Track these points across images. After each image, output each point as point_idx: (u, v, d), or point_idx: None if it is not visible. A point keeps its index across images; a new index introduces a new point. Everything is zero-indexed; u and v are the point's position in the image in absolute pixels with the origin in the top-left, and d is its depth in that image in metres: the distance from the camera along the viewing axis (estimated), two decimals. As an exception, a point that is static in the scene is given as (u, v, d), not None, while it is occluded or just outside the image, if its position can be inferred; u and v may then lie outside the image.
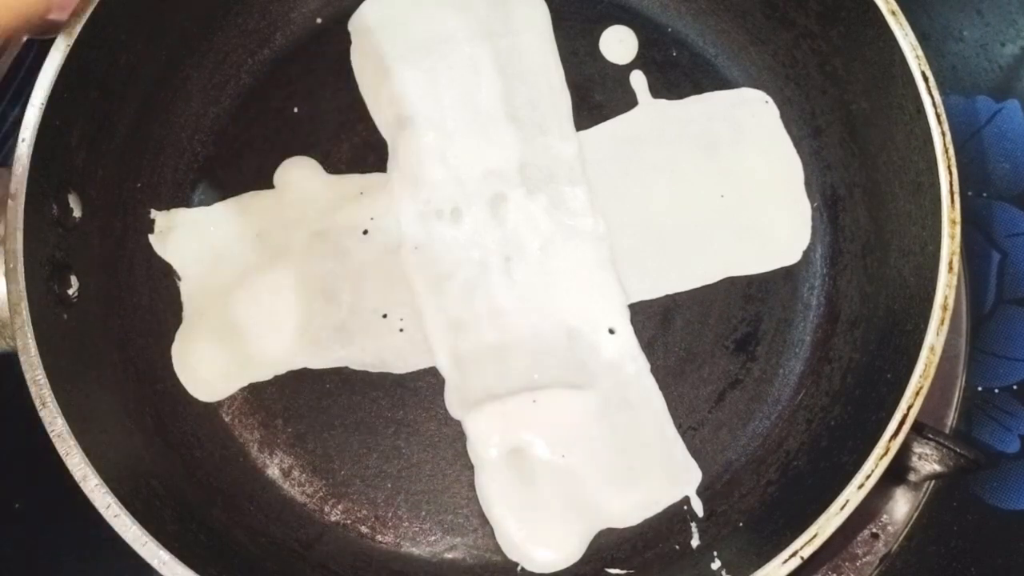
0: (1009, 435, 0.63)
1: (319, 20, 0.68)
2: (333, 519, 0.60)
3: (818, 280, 0.62)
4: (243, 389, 0.61)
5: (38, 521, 0.64)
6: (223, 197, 0.64)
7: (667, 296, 0.62)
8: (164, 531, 0.51)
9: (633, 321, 0.61)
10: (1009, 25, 0.71)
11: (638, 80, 0.66)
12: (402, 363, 0.61)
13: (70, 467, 0.51)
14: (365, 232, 0.63)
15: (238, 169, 0.65)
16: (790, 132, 0.64)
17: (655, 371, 0.60)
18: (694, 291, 0.62)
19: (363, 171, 0.65)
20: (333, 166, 0.65)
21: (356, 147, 0.65)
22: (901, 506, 0.61)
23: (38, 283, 0.54)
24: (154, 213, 0.64)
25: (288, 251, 0.63)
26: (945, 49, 0.70)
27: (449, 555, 0.59)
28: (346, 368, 0.61)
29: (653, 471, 0.59)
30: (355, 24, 0.67)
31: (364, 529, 0.59)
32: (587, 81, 0.66)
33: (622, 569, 0.58)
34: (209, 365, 0.62)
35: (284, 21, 0.68)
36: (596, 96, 0.65)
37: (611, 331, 0.61)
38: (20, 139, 0.54)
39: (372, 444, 0.60)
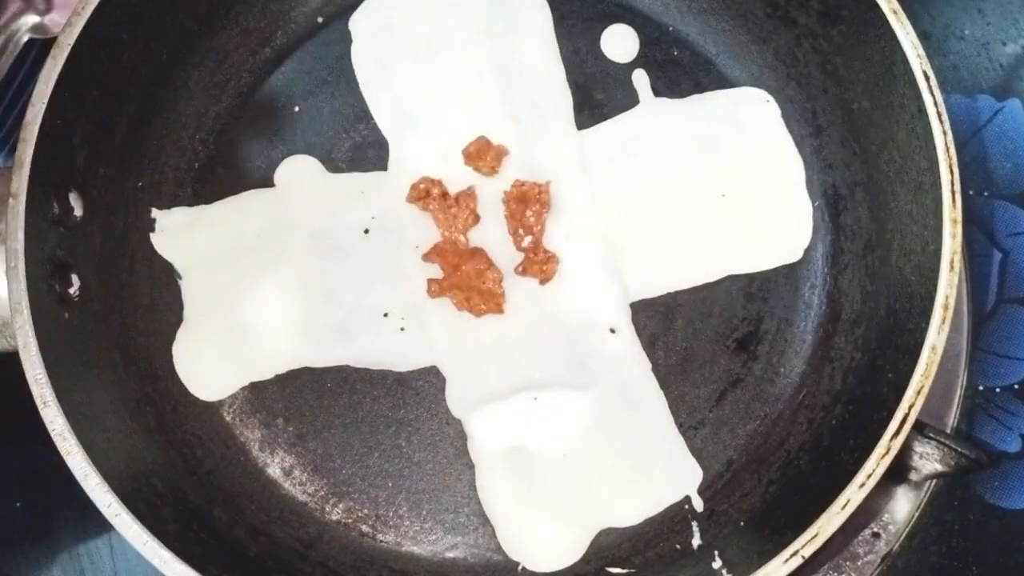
0: (1010, 434, 0.63)
1: (320, 19, 0.68)
2: (334, 518, 0.60)
3: (819, 279, 0.62)
4: (244, 388, 0.61)
5: (38, 521, 0.64)
6: (224, 196, 0.64)
7: (668, 295, 0.62)
8: (165, 530, 0.51)
9: (634, 320, 0.61)
10: (1011, 24, 0.71)
11: (639, 79, 0.65)
12: (403, 362, 0.61)
13: (71, 466, 0.51)
14: (366, 231, 0.63)
15: (239, 168, 0.65)
16: (791, 131, 0.64)
17: (656, 370, 0.60)
18: (695, 290, 0.62)
19: (364, 170, 0.64)
20: (334, 165, 0.65)
21: (357, 146, 0.65)
22: (902, 505, 0.61)
23: (39, 282, 0.54)
24: (155, 212, 0.64)
25: (289, 250, 0.63)
26: (946, 48, 0.70)
27: (450, 554, 0.59)
28: (347, 367, 0.61)
29: (654, 470, 0.59)
30: (356, 23, 0.67)
31: (365, 528, 0.59)
32: (588, 80, 0.65)
33: (623, 568, 0.58)
34: (210, 364, 0.61)
35: (285, 20, 0.68)
36: (597, 95, 0.65)
37: (612, 330, 0.61)
38: (21, 139, 0.54)
39: (373, 443, 0.60)
